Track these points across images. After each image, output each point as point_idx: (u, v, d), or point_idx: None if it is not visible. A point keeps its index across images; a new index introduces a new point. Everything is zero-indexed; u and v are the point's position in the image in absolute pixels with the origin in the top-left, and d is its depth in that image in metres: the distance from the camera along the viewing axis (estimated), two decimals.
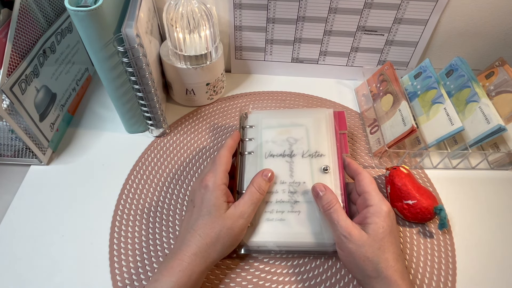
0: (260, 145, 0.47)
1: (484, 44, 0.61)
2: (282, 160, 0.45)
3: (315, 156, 0.45)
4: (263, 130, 0.48)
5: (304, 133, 0.47)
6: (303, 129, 0.48)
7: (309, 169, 0.45)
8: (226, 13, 0.58)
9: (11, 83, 0.42)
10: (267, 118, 0.49)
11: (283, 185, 0.44)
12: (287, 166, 0.45)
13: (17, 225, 0.45)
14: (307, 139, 0.47)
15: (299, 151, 0.46)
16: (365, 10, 0.56)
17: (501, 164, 0.53)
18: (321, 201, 0.39)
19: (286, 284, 0.41)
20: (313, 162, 0.45)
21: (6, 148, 0.48)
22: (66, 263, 0.42)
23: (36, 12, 0.47)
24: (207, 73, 0.55)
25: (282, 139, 0.47)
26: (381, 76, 0.58)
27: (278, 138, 0.47)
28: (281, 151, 0.46)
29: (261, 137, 0.47)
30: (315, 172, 0.44)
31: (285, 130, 0.48)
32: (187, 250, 0.36)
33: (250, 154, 0.46)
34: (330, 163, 0.45)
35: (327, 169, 0.44)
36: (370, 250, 0.35)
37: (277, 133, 0.47)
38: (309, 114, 0.49)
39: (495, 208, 0.49)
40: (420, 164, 0.53)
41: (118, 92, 0.49)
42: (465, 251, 0.44)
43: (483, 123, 0.48)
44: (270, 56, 0.64)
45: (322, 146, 0.46)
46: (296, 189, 0.43)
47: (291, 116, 0.49)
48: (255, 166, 0.45)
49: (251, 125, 0.49)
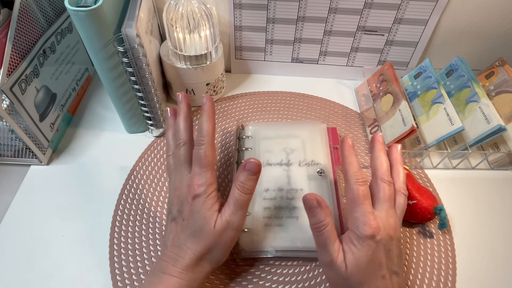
0: (258, 155, 0.48)
1: (484, 44, 0.61)
2: (280, 168, 0.47)
3: (311, 164, 0.47)
4: (261, 141, 0.49)
5: (300, 144, 0.49)
6: (299, 140, 0.49)
7: (306, 176, 0.46)
8: (226, 13, 0.58)
9: (11, 83, 0.42)
10: (265, 130, 0.51)
11: (281, 192, 0.45)
12: (284, 174, 0.46)
13: (17, 225, 0.45)
14: (303, 149, 0.48)
15: (295, 160, 0.47)
16: (365, 10, 0.56)
17: (501, 164, 0.53)
18: (311, 219, 0.35)
19: (287, 284, 0.41)
20: (309, 170, 0.46)
21: (6, 148, 0.48)
22: (66, 263, 0.42)
23: (36, 12, 0.47)
24: (207, 73, 0.55)
25: (279, 149, 0.48)
26: (381, 76, 0.58)
27: (275, 148, 0.49)
28: (278, 160, 0.47)
29: (258, 147, 0.49)
30: (312, 178, 0.45)
31: (282, 141, 0.49)
32: (180, 266, 0.34)
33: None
34: (325, 169, 0.46)
35: (321, 172, 0.45)
36: (354, 281, 0.33)
37: (274, 144, 0.49)
38: (305, 126, 0.52)
39: (495, 208, 0.49)
40: (420, 164, 0.53)
41: (118, 92, 0.49)
42: (465, 251, 0.44)
43: (483, 123, 0.48)
44: (270, 56, 0.64)
45: (318, 155, 0.48)
46: (294, 196, 0.44)
47: (288, 129, 0.51)
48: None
49: (248, 136, 0.50)
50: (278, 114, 0.59)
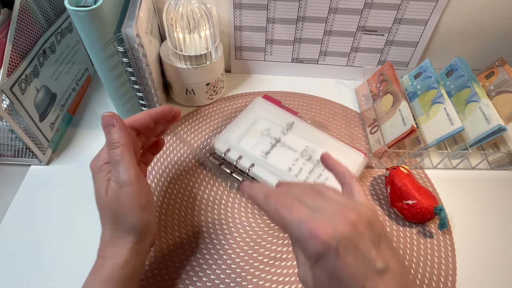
0: (251, 154, 0.48)
1: (484, 44, 0.61)
2: (276, 149, 0.49)
3: (290, 127, 0.51)
4: (240, 143, 0.49)
5: (266, 122, 0.52)
6: (264, 121, 0.52)
7: (298, 135, 0.50)
8: (226, 13, 0.58)
9: (11, 83, 0.42)
10: (232, 134, 0.50)
11: (298, 162, 0.48)
12: (284, 149, 0.49)
13: (17, 225, 0.45)
14: (272, 123, 0.52)
15: (278, 134, 0.50)
16: (365, 10, 0.56)
17: (501, 164, 0.53)
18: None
19: (286, 284, 0.41)
20: (294, 131, 0.51)
21: (6, 148, 0.48)
22: (66, 263, 0.42)
23: (36, 12, 0.47)
24: (207, 73, 0.55)
25: (259, 137, 0.50)
26: (381, 76, 0.58)
27: (256, 139, 0.50)
28: (268, 145, 0.49)
29: (244, 149, 0.49)
30: (306, 133, 0.51)
31: (252, 131, 0.51)
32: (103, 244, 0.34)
33: (252, 167, 0.47)
34: (301, 124, 0.52)
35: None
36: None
37: (251, 137, 0.50)
38: (252, 107, 0.54)
39: (495, 208, 0.49)
40: (420, 164, 0.53)
41: (118, 92, 0.49)
42: (465, 251, 0.44)
43: (483, 123, 0.48)
44: (270, 56, 0.64)
45: (284, 119, 0.52)
46: (310, 155, 0.48)
47: (244, 121, 0.52)
48: (266, 170, 0.47)
49: (227, 150, 0.48)
50: None
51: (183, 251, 0.43)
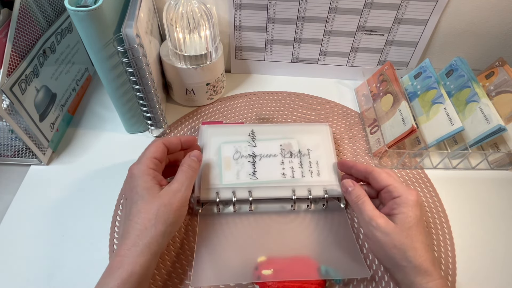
0: (241, 184, 0.45)
1: (484, 44, 0.61)
2: (258, 164, 0.47)
3: (253, 136, 0.50)
4: (224, 181, 0.45)
5: (230, 145, 0.49)
6: (227, 145, 0.49)
7: (266, 140, 0.49)
8: (226, 13, 0.58)
9: (11, 83, 0.42)
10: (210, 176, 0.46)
11: (285, 163, 0.47)
12: (265, 160, 0.48)
13: (17, 225, 0.45)
14: (236, 142, 0.49)
15: (248, 149, 0.49)
16: (365, 10, 0.56)
17: (501, 164, 0.53)
18: (351, 196, 0.41)
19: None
20: (260, 138, 0.50)
21: (6, 148, 0.48)
22: (66, 263, 0.42)
23: (36, 12, 0.47)
24: (207, 73, 0.55)
25: (235, 164, 0.47)
26: (381, 76, 0.58)
27: (234, 167, 0.47)
28: (249, 165, 0.47)
29: (231, 183, 0.45)
30: (270, 133, 0.50)
31: (225, 162, 0.47)
32: (127, 243, 0.34)
33: (251, 193, 0.45)
34: (259, 128, 0.51)
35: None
36: (397, 238, 0.36)
37: (228, 168, 0.47)
38: (204, 139, 0.50)
39: (495, 208, 0.49)
40: (420, 164, 0.53)
41: (118, 92, 0.49)
42: (465, 251, 0.44)
43: (483, 123, 0.48)
44: (270, 56, 0.64)
45: (242, 132, 0.50)
46: (289, 151, 0.48)
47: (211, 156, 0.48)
48: (264, 188, 0.45)
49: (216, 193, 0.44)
50: (278, 114, 0.59)
51: (185, 256, 0.43)
